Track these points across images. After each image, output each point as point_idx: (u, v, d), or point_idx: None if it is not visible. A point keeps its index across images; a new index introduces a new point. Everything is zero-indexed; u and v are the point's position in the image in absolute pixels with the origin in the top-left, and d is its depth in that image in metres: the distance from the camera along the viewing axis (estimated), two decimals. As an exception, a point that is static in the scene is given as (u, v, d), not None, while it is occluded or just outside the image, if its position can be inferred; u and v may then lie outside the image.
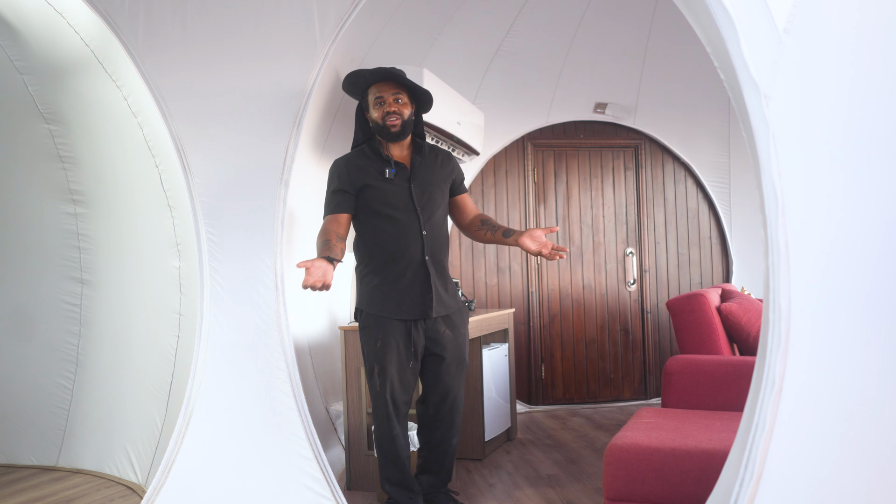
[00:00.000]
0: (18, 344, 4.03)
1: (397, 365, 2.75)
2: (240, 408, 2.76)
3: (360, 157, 2.83)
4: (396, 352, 2.74)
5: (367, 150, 2.85)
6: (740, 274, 5.52)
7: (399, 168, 2.80)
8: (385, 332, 2.74)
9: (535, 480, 3.54)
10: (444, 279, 2.84)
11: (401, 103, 2.78)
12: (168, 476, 2.71)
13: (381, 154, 2.81)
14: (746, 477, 1.65)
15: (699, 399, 3.10)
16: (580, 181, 5.47)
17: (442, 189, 2.88)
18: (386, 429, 2.80)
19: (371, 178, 2.77)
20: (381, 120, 2.77)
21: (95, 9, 2.70)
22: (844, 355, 1.61)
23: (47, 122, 3.78)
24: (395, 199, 2.76)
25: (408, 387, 2.80)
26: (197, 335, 2.78)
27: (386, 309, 2.75)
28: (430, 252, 2.78)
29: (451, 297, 2.86)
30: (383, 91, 2.77)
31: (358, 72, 2.80)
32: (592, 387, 5.46)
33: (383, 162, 2.80)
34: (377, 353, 2.75)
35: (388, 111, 2.76)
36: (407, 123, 2.79)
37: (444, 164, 2.93)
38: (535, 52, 5.00)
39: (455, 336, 2.85)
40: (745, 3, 1.68)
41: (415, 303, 2.76)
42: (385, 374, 2.75)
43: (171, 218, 3.54)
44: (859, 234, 1.62)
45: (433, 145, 2.98)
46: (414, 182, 2.80)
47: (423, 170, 2.84)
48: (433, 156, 2.92)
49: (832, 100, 1.65)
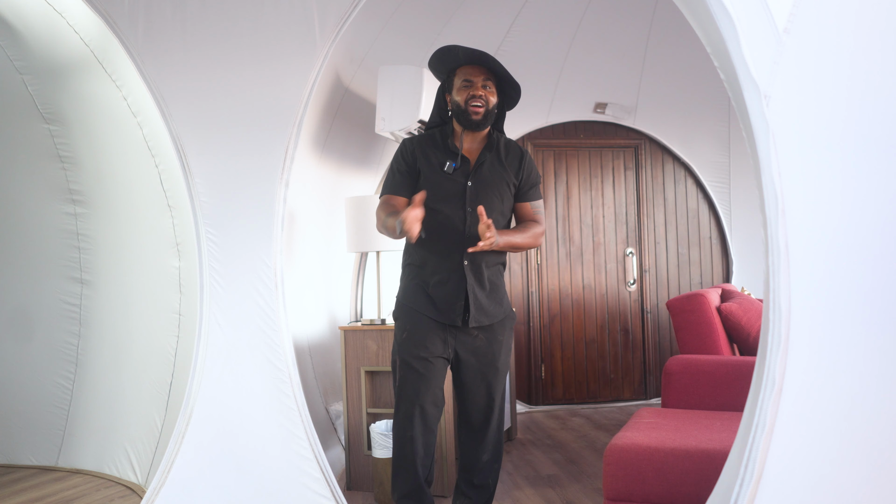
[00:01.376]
0: (18, 344, 4.03)
1: (422, 361, 2.50)
2: (239, 408, 2.76)
3: (429, 141, 2.62)
4: (423, 347, 2.51)
5: (438, 136, 2.63)
6: (740, 274, 5.52)
7: (462, 162, 2.57)
8: (414, 325, 2.54)
9: (535, 480, 3.54)
10: (486, 287, 2.56)
11: (488, 90, 2.55)
12: (168, 476, 2.71)
13: (449, 143, 2.59)
14: (746, 477, 1.65)
15: (699, 399, 3.10)
16: (580, 181, 5.47)
17: (502, 192, 2.60)
18: (401, 429, 2.52)
19: (429, 167, 2.56)
20: (465, 104, 2.53)
21: (95, 9, 2.70)
22: (844, 355, 1.61)
23: (47, 121, 3.78)
24: (447, 195, 2.53)
25: (432, 387, 2.52)
26: (197, 335, 2.78)
27: (419, 304, 2.55)
28: (471, 256, 2.52)
29: (494, 306, 2.59)
30: (473, 75, 2.55)
31: (451, 48, 2.56)
32: (592, 387, 5.46)
33: (448, 153, 2.58)
34: (401, 345, 2.54)
35: (474, 95, 2.52)
36: (490, 113, 2.55)
37: (512, 165, 2.63)
38: (535, 52, 4.99)
39: (489, 341, 2.59)
40: (745, 3, 1.68)
41: (446, 307, 2.53)
42: (408, 367, 2.50)
43: (171, 218, 3.54)
44: (859, 234, 1.62)
45: (511, 141, 2.69)
46: (473, 180, 2.56)
47: (487, 169, 2.58)
48: (505, 153, 2.64)
49: (832, 99, 1.65)
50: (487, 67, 2.56)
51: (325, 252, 4.24)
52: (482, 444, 2.63)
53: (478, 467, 2.64)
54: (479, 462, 2.63)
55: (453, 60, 2.58)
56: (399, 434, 2.53)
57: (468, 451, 2.65)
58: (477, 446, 2.62)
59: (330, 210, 4.20)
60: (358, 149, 4.40)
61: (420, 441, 2.51)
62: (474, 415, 2.61)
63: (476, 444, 2.63)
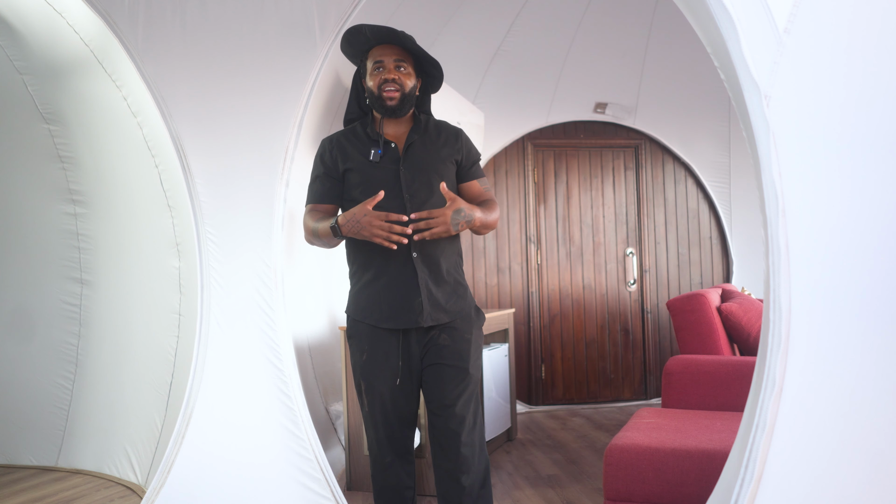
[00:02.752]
0: (18, 344, 4.03)
1: (387, 381, 2.25)
2: (239, 408, 2.76)
3: (349, 136, 2.36)
4: (387, 365, 2.25)
5: (359, 128, 2.37)
6: (740, 274, 5.52)
7: (388, 149, 2.31)
8: (372, 343, 2.27)
9: (535, 480, 3.53)
10: (441, 280, 2.29)
11: (403, 72, 2.29)
12: (168, 476, 2.71)
13: (368, 131, 2.34)
14: (747, 477, 1.65)
15: (699, 399, 3.10)
16: (580, 181, 5.47)
17: (441, 173, 2.33)
18: (376, 456, 2.30)
19: (353, 161, 2.31)
20: (377, 89, 2.27)
21: (95, 8, 2.70)
22: (845, 355, 1.61)
23: (47, 122, 3.78)
24: (379, 185, 2.24)
25: (403, 407, 2.28)
26: (196, 335, 2.78)
27: (371, 315, 2.27)
28: (420, 248, 2.25)
29: (454, 301, 2.31)
30: (385, 55, 2.28)
31: (357, 28, 2.30)
32: (592, 387, 5.46)
33: (371, 142, 2.32)
34: (363, 368, 2.28)
35: (386, 79, 2.26)
36: (407, 98, 2.29)
37: (447, 143, 2.37)
38: (535, 52, 5.00)
39: (454, 339, 2.28)
40: (745, 3, 1.68)
41: (401, 309, 2.24)
42: (373, 391, 2.26)
43: (171, 218, 3.54)
44: (859, 234, 1.62)
45: (440, 121, 2.45)
46: (405, 164, 2.29)
47: (419, 150, 2.32)
48: (436, 133, 2.39)
49: (832, 99, 1.64)
50: (401, 46, 2.29)
51: (325, 252, 4.23)
52: (456, 463, 2.23)
53: (458, 494, 2.23)
54: (458, 486, 2.23)
55: (362, 42, 2.32)
56: (376, 462, 2.30)
57: (443, 474, 2.26)
58: (452, 468, 2.23)
59: (330, 210, 4.19)
60: (358, 149, 4.40)
61: (396, 465, 2.29)
62: (444, 430, 2.24)
63: (451, 464, 2.23)
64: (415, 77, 2.33)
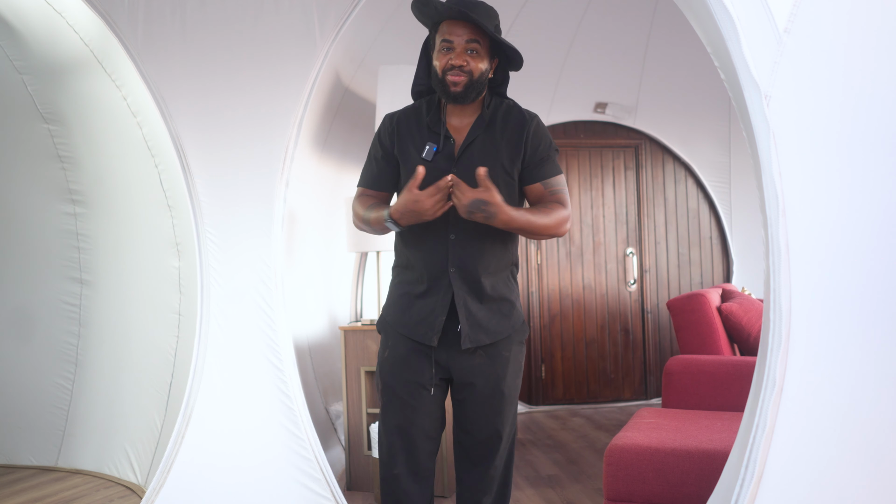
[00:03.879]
0: (18, 344, 4.03)
1: (409, 383, 2.03)
2: (239, 408, 2.76)
3: (411, 119, 2.07)
4: (408, 368, 2.03)
5: (424, 108, 2.07)
6: (740, 274, 5.52)
7: (447, 144, 2.01)
8: (396, 341, 2.06)
9: (535, 480, 3.53)
10: (485, 296, 2.01)
11: (474, 55, 1.95)
12: (168, 476, 2.71)
13: (431, 118, 2.04)
14: (747, 477, 1.65)
15: (700, 399, 3.09)
16: (580, 181, 5.47)
17: (502, 179, 2.01)
18: (386, 464, 2.06)
19: (406, 153, 2.03)
20: (442, 72, 1.95)
21: (95, 8, 2.70)
22: (845, 355, 1.61)
23: (47, 121, 3.77)
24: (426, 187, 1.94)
25: (423, 415, 2.03)
26: (196, 335, 2.78)
27: (397, 319, 2.06)
28: (458, 262, 1.98)
29: (498, 321, 2.04)
30: (455, 34, 1.94)
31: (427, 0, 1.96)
32: (593, 387, 5.46)
33: (430, 133, 2.03)
34: (383, 365, 2.07)
35: (454, 64, 1.94)
36: (475, 84, 1.96)
37: (511, 140, 2.02)
38: (535, 52, 4.99)
39: (492, 359, 2.03)
40: (745, 3, 1.68)
41: (421, 323, 2.01)
42: (391, 392, 2.04)
43: (171, 218, 3.54)
44: (859, 234, 1.62)
45: (514, 107, 2.09)
46: (459, 166, 1.99)
47: (478, 149, 2.01)
48: (503, 125, 2.04)
49: (832, 99, 1.64)
50: (474, 24, 1.94)
51: (325, 252, 4.24)
52: (483, 482, 2.08)
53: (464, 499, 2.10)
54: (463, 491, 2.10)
55: (432, 13, 1.99)
56: (384, 469, 2.07)
57: (467, 489, 2.11)
58: (476, 484, 2.08)
59: (330, 210, 4.19)
60: (358, 149, 4.40)
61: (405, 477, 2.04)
62: (474, 448, 2.07)
63: (475, 481, 2.08)
64: (488, 60, 1.99)
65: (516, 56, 2.02)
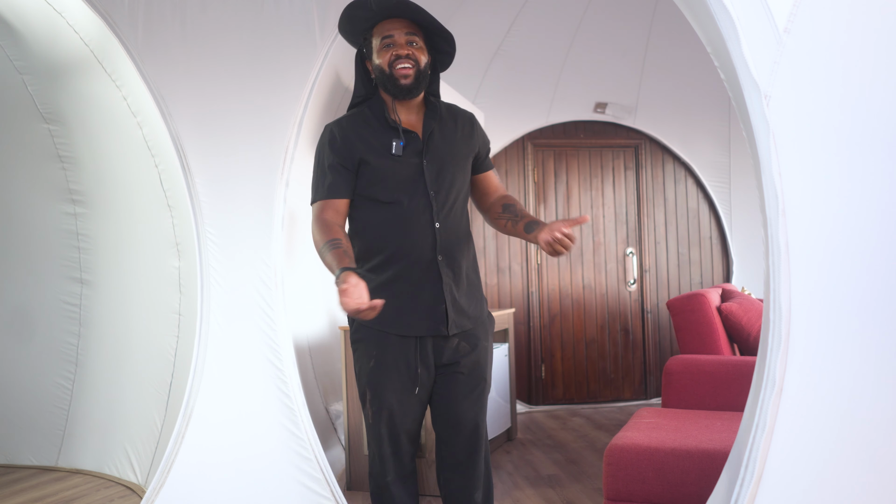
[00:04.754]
0: (18, 344, 4.03)
1: (397, 390, 2.05)
2: (239, 408, 2.76)
3: (359, 121, 2.09)
4: (396, 373, 2.05)
5: (368, 111, 2.10)
6: (740, 274, 5.52)
7: (409, 138, 2.07)
8: (381, 349, 2.05)
9: (535, 480, 3.53)
10: (462, 284, 2.11)
11: (416, 47, 2.04)
12: (168, 476, 2.71)
13: (386, 118, 2.07)
14: (747, 477, 1.65)
15: (699, 399, 3.10)
16: (580, 181, 5.47)
17: (463, 167, 2.14)
18: (378, 472, 2.09)
19: (371, 153, 2.04)
20: (389, 66, 2.02)
21: (95, 8, 2.70)
22: (845, 355, 1.61)
23: (47, 121, 3.78)
24: (404, 181, 2.04)
25: (411, 419, 2.09)
26: (196, 335, 2.78)
27: (386, 321, 2.02)
28: (445, 250, 2.06)
29: (475, 305, 2.14)
30: (394, 29, 2.03)
31: (360, 2, 2.04)
32: (592, 387, 5.46)
33: (389, 130, 2.07)
34: (370, 375, 2.06)
35: (399, 54, 2.01)
36: (422, 75, 2.04)
37: (465, 133, 2.16)
38: (535, 52, 5.00)
39: (473, 347, 2.11)
40: (745, 3, 1.68)
41: (421, 316, 2.05)
42: (380, 401, 2.05)
43: (171, 218, 3.54)
44: (859, 234, 1.62)
45: (453, 105, 2.23)
46: (427, 158, 2.07)
47: (438, 140, 2.10)
48: (452, 120, 2.17)
49: (833, 99, 1.64)
50: (410, 19, 2.04)
51: (325, 252, 4.23)
52: (472, 479, 2.12)
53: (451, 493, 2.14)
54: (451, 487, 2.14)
55: (365, 17, 2.06)
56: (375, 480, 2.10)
57: (456, 492, 2.13)
58: (467, 484, 2.12)
59: (330, 210, 4.19)
60: (358, 149, 4.40)
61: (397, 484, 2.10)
62: (461, 445, 2.11)
63: (466, 481, 2.12)
64: (427, 53, 2.08)
65: (450, 46, 2.12)
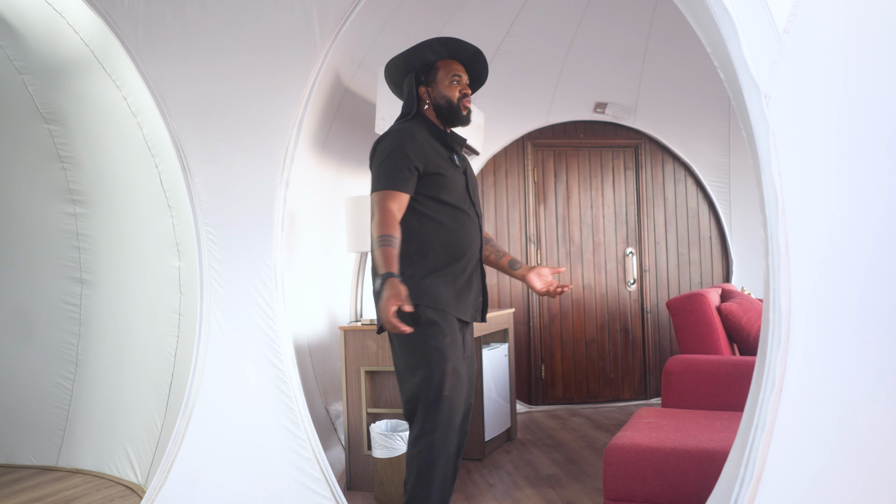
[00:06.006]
0: (18, 344, 4.03)
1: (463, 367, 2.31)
2: (239, 408, 2.76)
3: (425, 136, 2.38)
4: (462, 351, 2.33)
5: (424, 126, 2.42)
6: (740, 274, 5.52)
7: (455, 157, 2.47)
8: (453, 329, 2.31)
9: (535, 480, 3.54)
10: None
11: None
12: (168, 476, 2.71)
13: (445, 136, 2.42)
14: (746, 477, 1.65)
15: (699, 399, 3.10)
16: (580, 181, 5.47)
17: None
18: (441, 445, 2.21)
19: (444, 163, 2.37)
20: (457, 100, 2.43)
21: (95, 8, 2.70)
22: (844, 355, 1.61)
23: (47, 122, 3.78)
24: (459, 190, 2.39)
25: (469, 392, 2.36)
26: (196, 335, 2.78)
27: (452, 306, 2.32)
28: (480, 244, 2.47)
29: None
30: (461, 71, 2.46)
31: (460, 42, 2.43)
32: (592, 387, 5.46)
33: (443, 146, 2.42)
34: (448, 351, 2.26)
35: (466, 93, 2.44)
36: None
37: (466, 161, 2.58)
38: (535, 52, 5.00)
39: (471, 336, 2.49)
40: (745, 3, 1.68)
41: (472, 304, 2.40)
42: (457, 375, 2.26)
43: (171, 218, 3.55)
44: (859, 234, 1.62)
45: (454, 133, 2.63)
46: (467, 174, 2.47)
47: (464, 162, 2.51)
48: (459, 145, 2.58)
49: (832, 99, 1.65)
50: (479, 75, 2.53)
51: (325, 252, 4.24)
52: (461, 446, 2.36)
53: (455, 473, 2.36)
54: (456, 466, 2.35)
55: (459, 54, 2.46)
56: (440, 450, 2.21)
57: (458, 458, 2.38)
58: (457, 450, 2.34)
59: (330, 210, 4.20)
60: (358, 149, 4.40)
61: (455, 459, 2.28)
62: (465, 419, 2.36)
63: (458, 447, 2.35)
64: None
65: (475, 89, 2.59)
